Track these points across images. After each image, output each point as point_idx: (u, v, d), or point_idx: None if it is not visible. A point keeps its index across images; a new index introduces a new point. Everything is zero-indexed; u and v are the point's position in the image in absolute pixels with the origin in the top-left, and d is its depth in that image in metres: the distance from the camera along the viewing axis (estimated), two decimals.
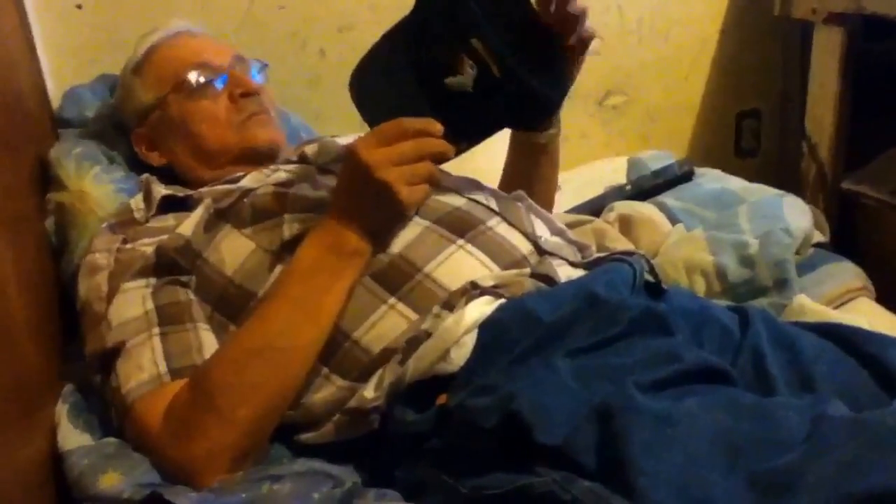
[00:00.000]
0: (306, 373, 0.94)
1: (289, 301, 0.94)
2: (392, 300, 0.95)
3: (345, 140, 1.35)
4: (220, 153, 1.21)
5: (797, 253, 1.27)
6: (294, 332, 0.93)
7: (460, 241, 1.00)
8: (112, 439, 0.96)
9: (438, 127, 0.93)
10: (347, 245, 0.94)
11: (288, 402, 0.94)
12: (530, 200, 1.14)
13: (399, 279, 0.96)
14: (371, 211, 0.95)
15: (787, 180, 1.94)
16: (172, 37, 1.28)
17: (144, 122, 1.26)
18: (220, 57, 1.24)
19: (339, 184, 0.98)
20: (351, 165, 0.94)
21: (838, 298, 1.27)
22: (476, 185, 1.13)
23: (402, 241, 0.99)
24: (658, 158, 1.65)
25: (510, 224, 1.06)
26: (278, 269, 0.99)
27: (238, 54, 1.27)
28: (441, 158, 0.94)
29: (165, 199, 1.14)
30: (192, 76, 1.21)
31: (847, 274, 1.31)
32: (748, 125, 2.19)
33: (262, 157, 1.21)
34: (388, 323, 0.94)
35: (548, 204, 1.28)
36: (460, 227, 1.02)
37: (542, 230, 1.09)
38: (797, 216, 1.31)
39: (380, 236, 0.97)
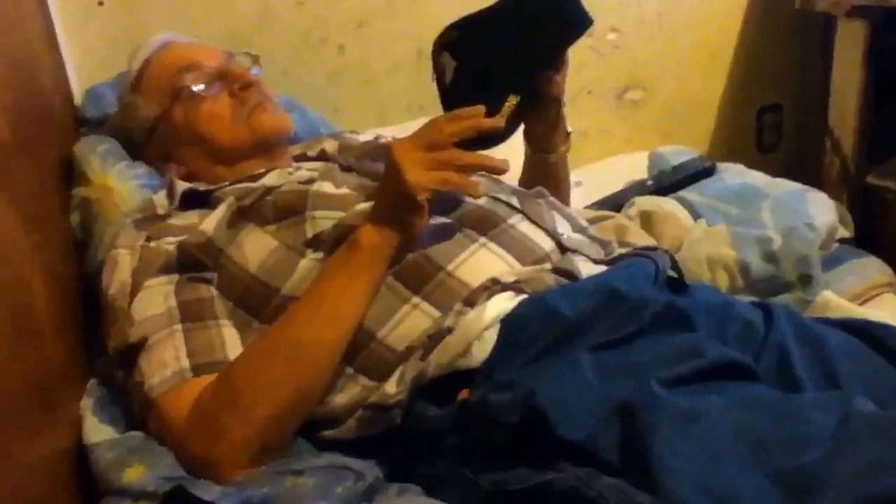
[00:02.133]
0: (330, 371, 0.94)
1: (309, 300, 0.95)
2: (415, 299, 0.95)
3: (364, 136, 1.36)
4: (233, 150, 1.21)
5: (821, 248, 1.26)
6: (312, 329, 0.93)
7: (482, 240, 1.00)
8: (137, 433, 0.96)
9: (466, 111, 0.95)
10: (362, 240, 0.95)
11: (312, 401, 0.94)
12: (552, 198, 1.14)
13: (422, 278, 0.96)
14: (383, 200, 0.96)
15: (810, 175, 1.92)
16: (162, 47, 1.27)
17: (153, 137, 1.26)
18: (211, 58, 1.24)
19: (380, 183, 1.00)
20: (388, 163, 0.97)
21: (863, 294, 1.26)
22: (498, 183, 1.13)
23: (425, 241, 0.98)
24: (679, 153, 1.64)
25: (532, 222, 1.06)
26: (301, 266, 1.00)
27: (229, 52, 1.26)
28: (483, 133, 0.95)
29: (188, 193, 1.14)
30: (189, 81, 1.21)
31: (872, 269, 1.30)
32: (769, 120, 2.17)
33: (274, 144, 1.22)
34: (411, 322, 0.94)
35: None
36: (482, 225, 1.02)
37: (563, 227, 1.09)
38: (821, 211, 1.30)
39: (393, 227, 0.95)
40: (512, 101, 1.01)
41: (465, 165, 0.94)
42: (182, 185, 1.15)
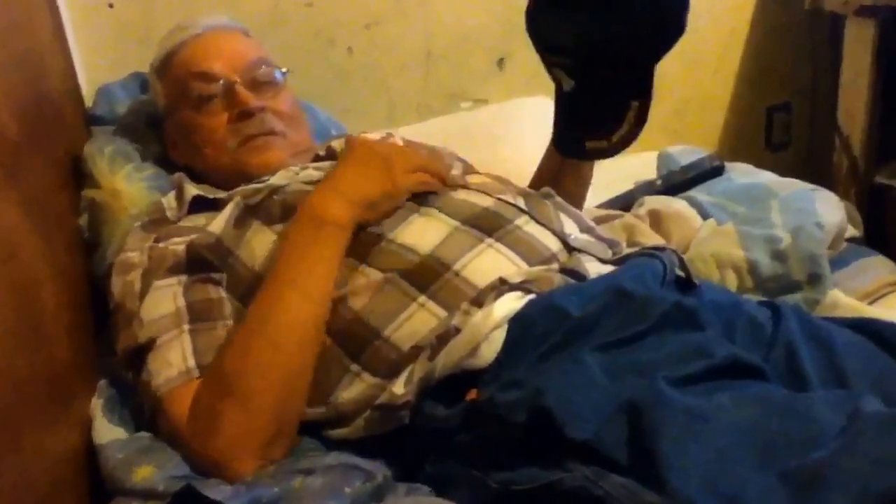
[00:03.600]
0: (316, 347, 0.95)
1: (278, 279, 0.96)
2: (422, 298, 0.95)
3: (373, 135, 1.36)
4: (216, 171, 1.21)
5: (830, 248, 1.25)
6: (288, 308, 0.94)
7: (489, 240, 1.00)
8: (146, 433, 0.97)
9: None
10: (326, 215, 0.98)
11: (305, 383, 0.95)
12: (559, 198, 1.14)
13: (429, 278, 0.96)
14: (361, 182, 1.01)
15: (819, 174, 1.92)
16: (192, 38, 1.26)
17: (168, 121, 1.28)
18: (230, 66, 1.22)
19: (338, 162, 1.06)
20: (354, 143, 1.07)
21: (872, 294, 1.25)
22: (505, 184, 1.13)
23: (431, 241, 0.99)
24: (688, 153, 1.64)
25: (539, 222, 1.06)
26: None
27: (256, 60, 1.25)
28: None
29: (197, 199, 1.14)
30: (194, 90, 1.21)
31: (881, 269, 1.30)
32: (779, 119, 2.17)
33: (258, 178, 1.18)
34: (417, 321, 0.94)
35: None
36: (489, 226, 1.02)
37: (571, 228, 1.08)
38: (830, 211, 1.30)
39: (367, 211, 1.00)
40: (634, 105, 1.04)
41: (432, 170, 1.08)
42: (191, 191, 1.15)
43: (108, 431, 0.99)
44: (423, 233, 1.00)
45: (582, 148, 1.10)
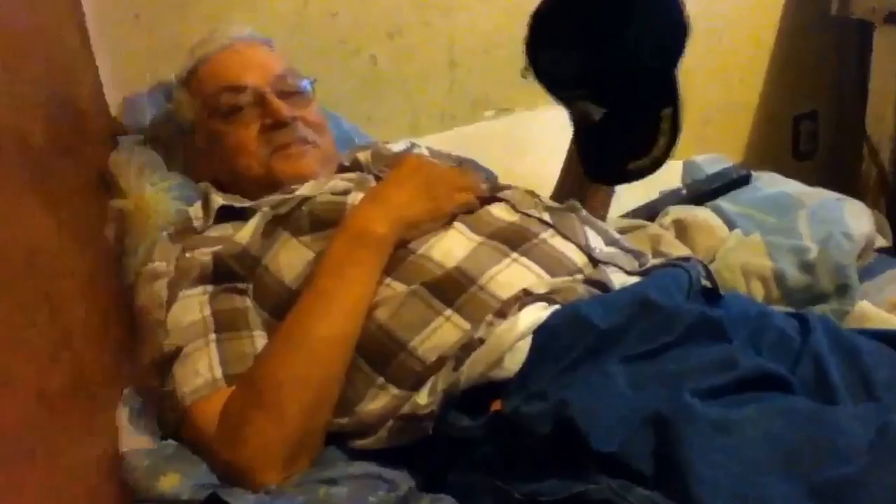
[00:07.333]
0: (348, 361, 0.95)
1: (318, 292, 0.96)
2: (448, 312, 0.95)
3: (397, 146, 1.36)
4: (248, 182, 1.21)
5: (859, 258, 1.24)
6: (329, 323, 0.94)
7: (514, 255, 1.00)
8: (171, 442, 0.97)
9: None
10: (370, 232, 0.98)
11: (335, 395, 0.95)
12: (584, 211, 1.14)
13: (455, 291, 0.96)
14: (407, 201, 1.02)
15: (847, 183, 1.90)
16: (218, 51, 1.26)
17: (193, 135, 1.28)
18: (260, 77, 1.22)
19: (386, 178, 1.07)
20: (405, 161, 1.08)
21: None
22: (530, 197, 1.13)
23: (457, 255, 0.99)
24: (714, 162, 1.63)
25: (564, 236, 1.05)
26: None
27: (283, 71, 1.25)
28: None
29: (223, 208, 1.15)
30: (224, 101, 1.21)
31: None
32: (806, 127, 2.15)
33: (290, 184, 1.18)
34: (443, 333, 0.94)
35: None
36: (514, 240, 1.02)
37: (596, 241, 1.08)
38: (858, 220, 1.29)
39: (408, 227, 1.01)
40: (666, 114, 1.05)
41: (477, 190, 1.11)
42: (218, 201, 1.16)
43: (134, 440, 0.99)
44: (448, 246, 1.01)
45: (623, 171, 1.10)
